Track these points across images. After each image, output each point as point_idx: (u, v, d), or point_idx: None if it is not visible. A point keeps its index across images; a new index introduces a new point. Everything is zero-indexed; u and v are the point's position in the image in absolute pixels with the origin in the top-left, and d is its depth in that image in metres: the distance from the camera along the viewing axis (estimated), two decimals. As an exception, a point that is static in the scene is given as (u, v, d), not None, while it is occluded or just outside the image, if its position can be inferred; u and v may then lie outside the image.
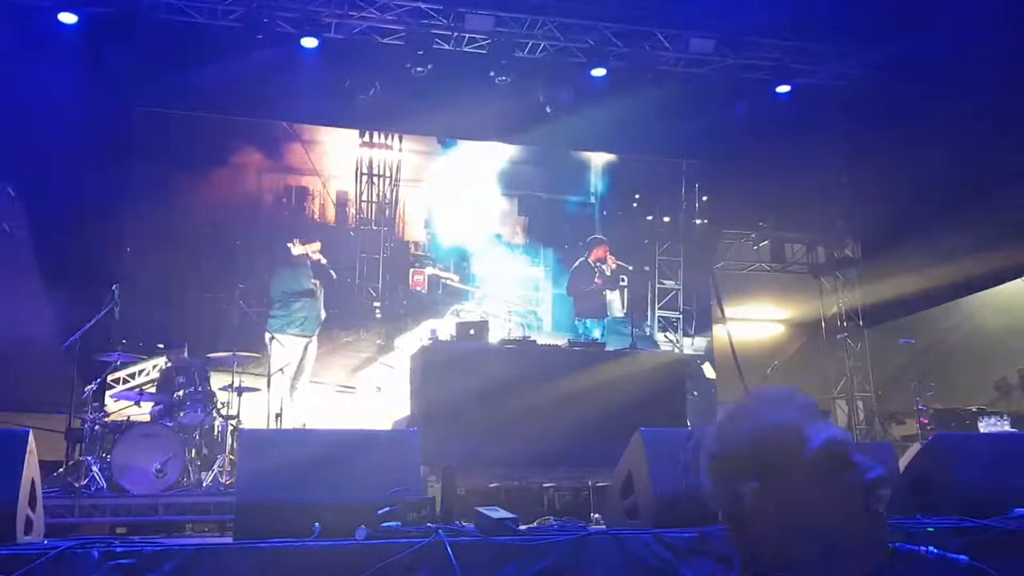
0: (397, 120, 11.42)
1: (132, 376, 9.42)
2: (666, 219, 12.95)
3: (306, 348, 9.15)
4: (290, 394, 9.20)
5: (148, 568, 3.19)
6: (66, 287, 9.08)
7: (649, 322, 12.63)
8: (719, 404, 12.28)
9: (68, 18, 9.73)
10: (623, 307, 12.13)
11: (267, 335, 8.81)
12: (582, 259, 10.49)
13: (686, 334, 12.75)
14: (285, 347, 8.93)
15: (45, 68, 9.49)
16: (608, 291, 10.64)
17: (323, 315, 9.18)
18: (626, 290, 12.02)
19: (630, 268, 10.94)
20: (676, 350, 11.93)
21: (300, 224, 11.17)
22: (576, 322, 10.46)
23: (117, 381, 9.21)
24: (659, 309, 12.80)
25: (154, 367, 9.15)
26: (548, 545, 3.43)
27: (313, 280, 8.95)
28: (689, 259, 12.91)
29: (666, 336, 12.53)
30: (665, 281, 12.85)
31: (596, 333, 10.17)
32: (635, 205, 12.89)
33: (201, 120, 10.94)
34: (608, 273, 10.35)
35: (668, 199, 12.94)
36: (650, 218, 12.92)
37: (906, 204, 10.93)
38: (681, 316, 12.79)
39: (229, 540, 3.87)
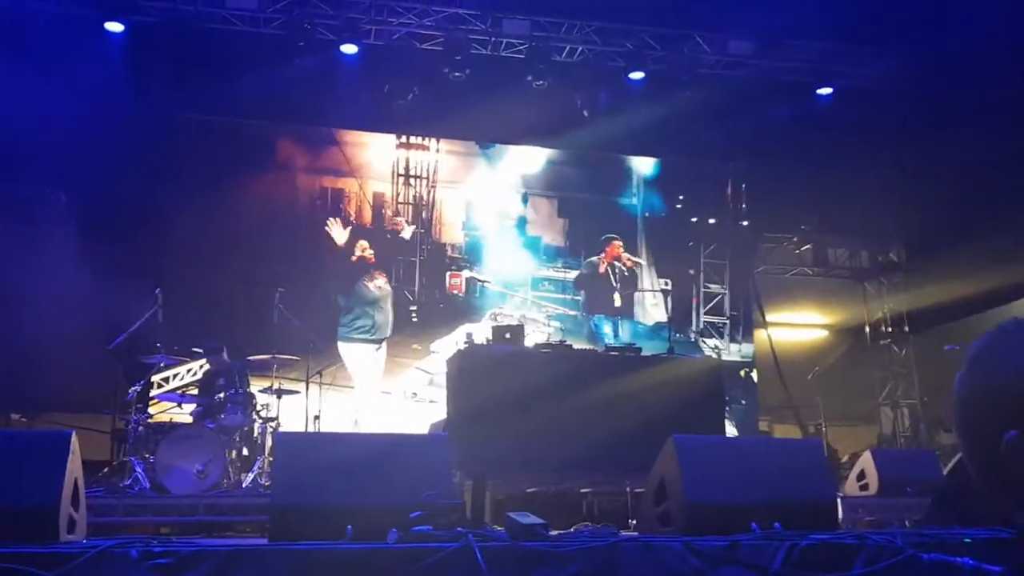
0: (435, 124, 11.46)
1: (167, 380, 9.57)
2: (712, 221, 12.72)
3: (376, 354, 9.09)
4: (363, 400, 9.11)
5: (185, 568, 3.25)
6: (111, 290, 9.29)
7: (694, 327, 12.40)
8: (760, 411, 12.17)
9: (115, 27, 9.97)
10: (667, 312, 12.00)
11: (338, 343, 8.91)
12: (596, 257, 10.53)
13: (733, 340, 12.47)
14: (351, 354, 8.90)
15: (93, 76, 9.72)
16: (620, 291, 10.67)
17: (391, 321, 9.07)
18: (670, 295, 11.91)
19: (642, 263, 10.91)
20: (717, 355, 11.78)
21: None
22: (586, 318, 10.46)
23: (155, 383, 9.36)
24: (704, 314, 12.51)
25: (188, 371, 9.27)
26: (577, 551, 3.43)
27: (378, 285, 8.90)
28: (734, 263, 12.72)
29: (704, 342, 12.34)
30: (710, 285, 12.58)
31: (607, 329, 10.17)
32: (679, 207, 12.70)
33: (242, 126, 11.11)
34: (626, 272, 10.38)
35: (713, 201, 12.74)
36: (695, 220, 12.67)
37: (953, 206, 10.74)
38: (728, 321, 12.53)
39: (264, 541, 3.93)
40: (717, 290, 12.60)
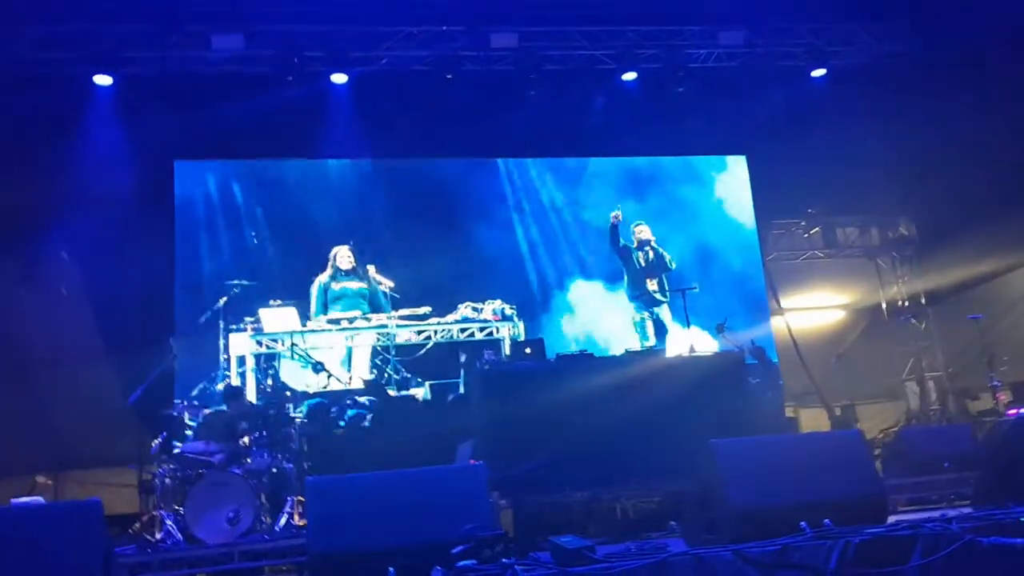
0: (432, 145, 11.34)
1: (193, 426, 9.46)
2: None
3: None
4: None
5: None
6: (124, 344, 9.25)
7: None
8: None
9: (104, 80, 9.94)
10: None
11: None
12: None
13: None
14: None
15: (85, 131, 9.72)
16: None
17: None
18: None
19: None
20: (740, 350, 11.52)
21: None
22: None
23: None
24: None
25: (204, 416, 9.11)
26: (627, 571, 3.36)
27: None
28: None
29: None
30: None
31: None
32: None
33: (238, 165, 11.04)
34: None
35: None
36: None
37: (959, 177, 10.65)
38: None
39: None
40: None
